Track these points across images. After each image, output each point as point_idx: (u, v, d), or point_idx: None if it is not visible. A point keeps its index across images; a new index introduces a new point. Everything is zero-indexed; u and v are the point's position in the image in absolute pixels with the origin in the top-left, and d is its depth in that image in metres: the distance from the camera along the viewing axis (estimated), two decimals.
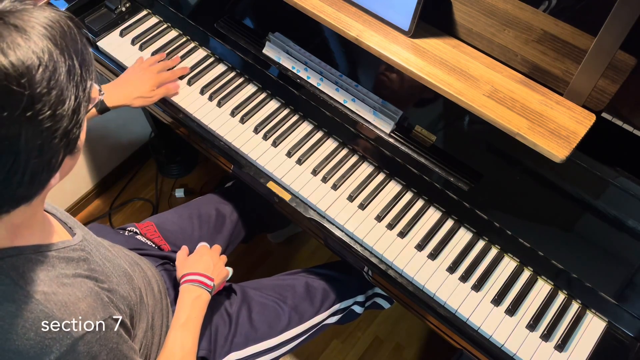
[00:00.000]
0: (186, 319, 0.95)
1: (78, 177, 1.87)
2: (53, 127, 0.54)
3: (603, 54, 0.83)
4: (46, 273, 0.62)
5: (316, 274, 1.25)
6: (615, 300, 0.93)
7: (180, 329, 0.93)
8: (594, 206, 0.97)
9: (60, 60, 0.54)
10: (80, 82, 0.57)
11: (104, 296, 0.67)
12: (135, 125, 1.93)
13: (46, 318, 0.60)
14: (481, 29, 1.00)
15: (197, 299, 0.99)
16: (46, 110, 0.53)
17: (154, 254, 1.12)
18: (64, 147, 0.57)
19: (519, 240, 1.00)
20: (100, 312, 0.65)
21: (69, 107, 0.55)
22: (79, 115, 0.57)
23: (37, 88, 0.52)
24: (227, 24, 1.28)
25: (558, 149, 0.89)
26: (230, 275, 1.11)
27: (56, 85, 0.53)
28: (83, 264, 0.67)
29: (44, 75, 0.52)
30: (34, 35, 0.52)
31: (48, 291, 0.61)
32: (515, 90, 0.96)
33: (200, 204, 1.30)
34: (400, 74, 1.08)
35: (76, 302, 0.63)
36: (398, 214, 1.05)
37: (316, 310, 1.19)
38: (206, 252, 1.09)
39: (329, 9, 1.07)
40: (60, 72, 0.54)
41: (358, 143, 1.13)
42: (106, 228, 1.16)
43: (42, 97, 0.52)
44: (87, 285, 0.65)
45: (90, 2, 1.33)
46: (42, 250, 0.64)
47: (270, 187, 1.11)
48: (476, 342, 0.95)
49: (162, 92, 1.18)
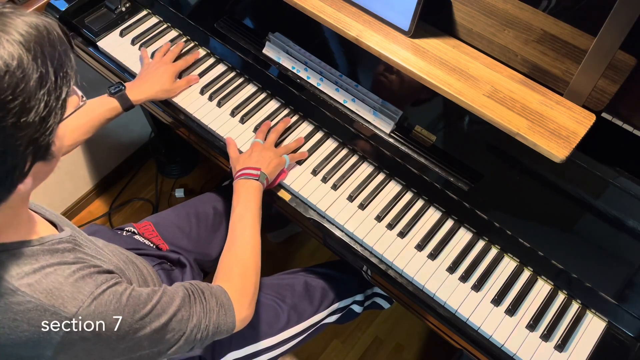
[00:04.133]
0: (240, 209, 0.98)
1: (78, 177, 1.87)
2: (16, 134, 0.52)
3: (603, 54, 0.83)
4: (30, 266, 0.63)
5: (315, 273, 1.25)
6: (615, 300, 0.93)
7: (236, 219, 0.98)
8: (594, 206, 0.97)
9: (31, 67, 0.52)
10: (53, 89, 0.55)
11: (87, 271, 0.67)
12: (135, 125, 1.93)
13: (35, 308, 0.61)
14: (481, 29, 1.00)
15: (245, 188, 1.01)
16: (9, 118, 0.51)
17: (151, 253, 1.12)
18: (33, 154, 0.56)
19: (519, 240, 1.00)
20: (87, 287, 0.65)
21: (36, 115, 0.53)
22: (48, 123, 0.55)
23: (1, 95, 0.50)
24: (227, 24, 1.28)
25: (558, 149, 0.89)
26: (287, 163, 1.09)
27: (23, 92, 0.52)
28: (68, 254, 0.67)
29: (11, 82, 0.51)
30: (4, 41, 0.51)
31: (32, 282, 0.62)
32: (515, 90, 0.96)
33: (197, 203, 1.30)
34: (400, 74, 1.08)
35: (60, 286, 0.63)
36: (398, 214, 1.05)
37: (315, 309, 1.19)
38: (255, 147, 1.09)
39: (329, 9, 1.07)
40: (28, 79, 0.52)
41: (358, 143, 1.13)
42: (104, 228, 1.16)
43: (6, 105, 0.51)
44: (70, 268, 0.65)
45: (90, 2, 1.33)
46: (26, 246, 0.64)
47: (270, 187, 1.11)
48: (476, 342, 0.95)
49: (183, 84, 1.21)
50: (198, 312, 0.78)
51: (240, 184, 1.02)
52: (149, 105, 1.26)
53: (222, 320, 0.82)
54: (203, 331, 0.78)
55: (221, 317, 0.82)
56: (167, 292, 0.76)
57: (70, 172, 1.81)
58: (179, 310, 0.75)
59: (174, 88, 1.19)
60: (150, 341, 0.71)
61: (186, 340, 0.76)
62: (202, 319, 0.78)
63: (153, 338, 0.71)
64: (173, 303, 0.75)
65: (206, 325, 0.79)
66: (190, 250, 1.21)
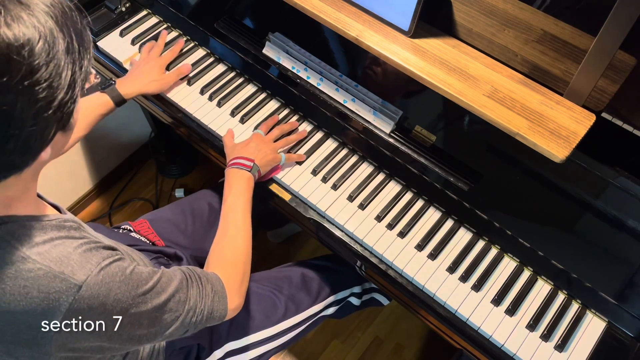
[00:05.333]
0: (231, 199, 0.99)
1: (78, 177, 1.87)
2: (48, 98, 0.56)
3: (603, 54, 0.83)
4: (40, 237, 0.65)
5: (312, 265, 1.26)
6: (615, 300, 0.93)
7: (228, 209, 0.99)
8: (594, 206, 0.97)
9: (59, 37, 0.57)
10: (77, 59, 0.60)
11: (93, 245, 0.69)
12: (135, 125, 1.93)
13: (45, 275, 0.62)
14: (481, 29, 1.00)
15: (237, 178, 1.02)
16: (43, 81, 0.55)
17: (147, 249, 1.13)
18: (57, 121, 0.60)
19: (519, 240, 1.00)
20: (95, 258, 0.67)
21: (65, 81, 0.58)
22: (74, 90, 0.60)
23: (36, 59, 0.54)
24: (227, 24, 1.28)
25: (558, 149, 0.89)
26: (283, 161, 1.10)
27: (54, 58, 0.56)
28: (74, 231, 0.69)
29: (44, 48, 0.55)
30: (36, 11, 0.56)
31: (42, 251, 0.64)
32: (515, 90, 0.96)
33: (193, 200, 1.31)
34: (400, 74, 1.08)
35: (69, 255, 0.65)
36: (398, 214, 1.05)
37: (312, 301, 1.20)
38: (254, 138, 1.09)
39: (329, 9, 1.07)
40: (58, 48, 0.57)
41: (358, 143, 1.13)
42: (100, 226, 1.17)
43: (40, 68, 0.55)
44: (77, 242, 0.67)
45: (90, 2, 1.33)
46: (35, 220, 0.66)
47: (270, 187, 1.11)
48: (476, 342, 0.95)
49: (174, 74, 1.22)
50: (194, 295, 0.80)
51: (232, 173, 1.03)
52: (149, 105, 1.26)
53: (216, 306, 0.84)
54: (198, 315, 0.80)
55: (215, 303, 0.83)
56: (165, 274, 0.77)
57: (70, 172, 1.81)
58: (177, 291, 0.77)
59: (163, 78, 1.20)
60: (149, 319, 0.72)
61: (182, 322, 0.77)
62: (198, 302, 0.80)
63: (152, 316, 0.73)
64: (172, 284, 0.76)
65: (201, 309, 0.81)
66: (187, 247, 1.21)
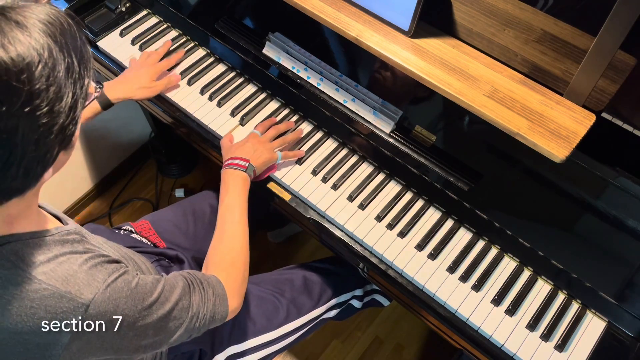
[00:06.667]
0: (228, 199, 0.99)
1: (78, 177, 1.87)
2: (50, 122, 0.55)
3: (603, 54, 0.83)
4: (44, 255, 0.64)
5: (314, 268, 1.26)
6: (615, 300, 0.93)
7: (225, 210, 0.99)
8: (594, 206, 0.97)
9: (59, 57, 0.55)
10: (78, 79, 0.58)
11: (98, 260, 0.68)
12: (135, 125, 1.93)
13: (52, 295, 0.62)
14: (481, 29, 1.00)
15: (233, 178, 1.02)
16: (44, 106, 0.54)
17: (149, 250, 1.12)
18: (59, 143, 0.59)
19: (519, 240, 1.00)
20: (100, 275, 0.66)
21: (66, 104, 0.56)
22: (76, 112, 0.59)
23: (36, 84, 0.53)
24: (227, 24, 1.28)
25: (558, 149, 0.89)
26: (279, 159, 1.10)
27: (55, 82, 0.54)
28: (78, 244, 0.69)
29: (43, 72, 0.53)
30: (34, 32, 0.53)
31: (47, 270, 0.63)
32: (515, 90, 0.96)
33: (194, 201, 1.31)
34: (400, 74, 1.08)
35: (75, 274, 0.64)
36: (398, 214, 1.05)
37: (314, 304, 1.20)
38: (250, 138, 1.09)
39: (329, 9, 1.07)
40: (59, 69, 0.55)
41: (358, 143, 1.13)
42: (101, 228, 1.16)
43: (41, 93, 0.53)
44: (82, 257, 0.67)
45: (90, 2, 1.33)
46: (38, 236, 0.65)
47: (270, 187, 1.11)
48: (476, 342, 0.95)
49: (163, 83, 1.20)
50: (197, 301, 0.80)
51: (228, 174, 1.03)
52: (149, 105, 1.26)
53: (217, 309, 0.84)
54: (201, 320, 0.80)
55: (217, 307, 0.84)
56: (168, 281, 0.77)
57: (70, 172, 1.81)
58: (181, 299, 0.77)
59: (153, 86, 1.18)
60: (155, 329, 0.72)
61: (186, 328, 0.78)
62: (201, 308, 0.80)
63: (157, 326, 0.72)
64: (175, 291, 0.76)
65: (204, 314, 0.81)
66: (188, 248, 1.21)
